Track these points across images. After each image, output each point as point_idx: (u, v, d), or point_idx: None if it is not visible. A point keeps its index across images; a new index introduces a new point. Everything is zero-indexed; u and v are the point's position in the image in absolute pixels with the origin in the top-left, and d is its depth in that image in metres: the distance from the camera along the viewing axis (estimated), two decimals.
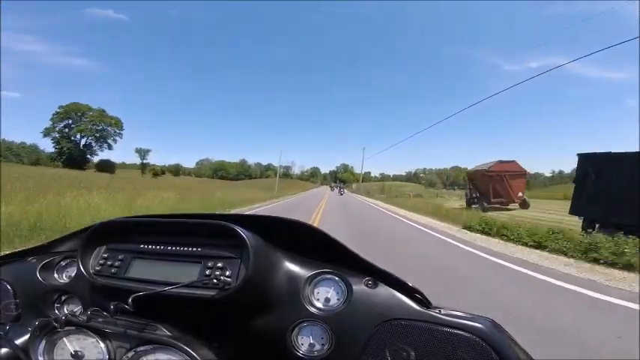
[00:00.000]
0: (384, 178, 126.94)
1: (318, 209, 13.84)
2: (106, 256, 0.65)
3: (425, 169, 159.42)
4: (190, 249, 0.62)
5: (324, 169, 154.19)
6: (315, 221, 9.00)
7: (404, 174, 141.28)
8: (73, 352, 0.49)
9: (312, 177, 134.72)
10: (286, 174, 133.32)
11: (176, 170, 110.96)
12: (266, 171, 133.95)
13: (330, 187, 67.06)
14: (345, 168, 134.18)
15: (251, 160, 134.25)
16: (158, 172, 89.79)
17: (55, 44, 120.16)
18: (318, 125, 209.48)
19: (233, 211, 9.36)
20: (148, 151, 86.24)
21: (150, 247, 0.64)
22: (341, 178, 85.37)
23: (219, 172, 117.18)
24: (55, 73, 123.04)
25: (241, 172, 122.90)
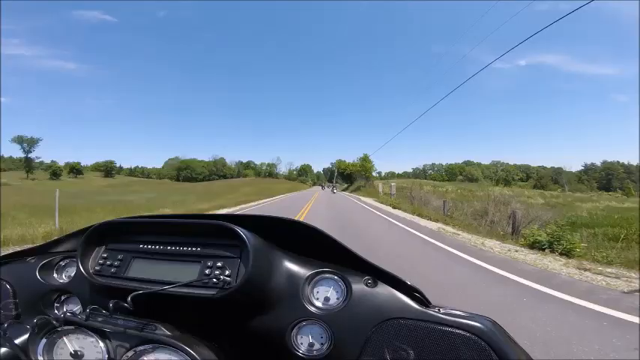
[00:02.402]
0: (386, 176, 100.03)
1: None
2: (105, 256, 0.68)
3: (434, 164, 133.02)
4: (190, 249, 0.64)
5: (318, 168, 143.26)
6: None
7: (410, 170, 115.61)
8: (72, 352, 0.50)
9: (301, 176, 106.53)
10: (270, 173, 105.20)
11: (106, 169, 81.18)
12: (245, 169, 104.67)
13: (322, 186, 59.78)
14: (341, 164, 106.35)
15: (230, 159, 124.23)
16: (59, 171, 60.07)
17: (42, 47, 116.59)
18: (310, 123, 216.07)
19: None
20: (35, 140, 57.41)
21: (149, 246, 0.67)
22: (348, 173, 59.91)
23: (184, 171, 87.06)
24: (43, 75, 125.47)
25: (214, 172, 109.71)
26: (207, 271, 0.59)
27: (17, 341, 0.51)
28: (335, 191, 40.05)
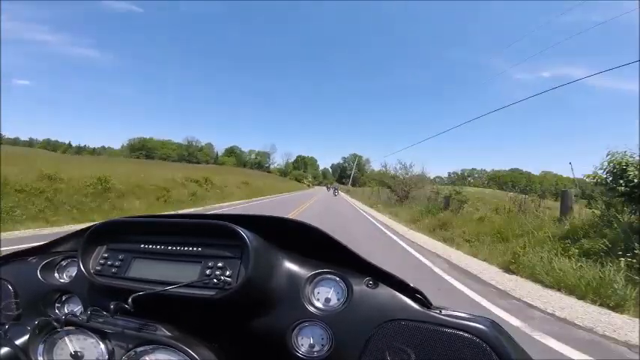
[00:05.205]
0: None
1: None
2: (106, 256, 0.74)
3: (474, 169, 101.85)
4: (190, 249, 0.69)
5: (325, 164, 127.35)
6: None
7: (446, 176, 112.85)
8: (72, 352, 0.54)
9: (297, 169, 74.94)
10: (260, 164, 73.21)
11: None
12: (229, 155, 75.18)
13: (327, 187, 51.61)
14: (359, 160, 74.64)
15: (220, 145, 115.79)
16: None
17: (66, 34, 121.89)
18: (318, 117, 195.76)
19: None
20: None
21: (150, 247, 0.72)
22: None
23: (137, 152, 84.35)
24: (65, 62, 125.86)
25: (184, 157, 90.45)
26: (207, 272, 0.63)
27: (18, 342, 0.54)
28: (336, 194, 35.97)
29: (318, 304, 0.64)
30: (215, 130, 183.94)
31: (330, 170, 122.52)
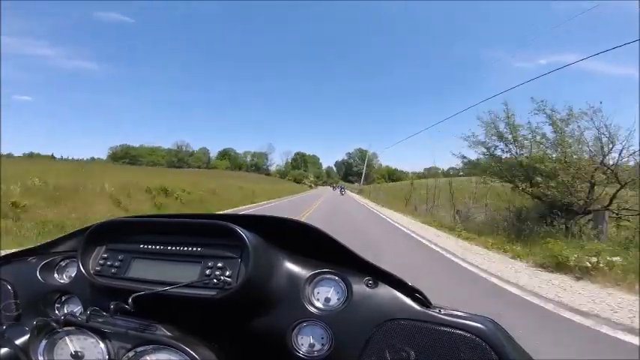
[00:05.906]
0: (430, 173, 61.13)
1: None
2: (106, 256, 0.75)
3: (479, 159, 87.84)
4: (190, 249, 0.70)
5: (328, 163, 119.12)
6: None
7: (445, 169, 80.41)
8: (72, 352, 0.54)
9: (296, 169, 66.96)
10: (257, 166, 65.17)
11: None
12: (221, 159, 67.60)
13: (332, 186, 52.48)
14: (363, 155, 66.83)
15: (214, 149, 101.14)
16: None
17: (64, 48, 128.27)
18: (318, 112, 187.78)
19: None
20: None
21: (150, 247, 0.73)
22: None
23: (120, 161, 78.79)
24: (64, 75, 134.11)
25: (173, 164, 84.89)
26: (207, 272, 0.65)
27: (18, 342, 0.56)
28: (343, 192, 35.33)
29: (318, 304, 0.66)
30: (214, 134, 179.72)
31: (335, 168, 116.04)
